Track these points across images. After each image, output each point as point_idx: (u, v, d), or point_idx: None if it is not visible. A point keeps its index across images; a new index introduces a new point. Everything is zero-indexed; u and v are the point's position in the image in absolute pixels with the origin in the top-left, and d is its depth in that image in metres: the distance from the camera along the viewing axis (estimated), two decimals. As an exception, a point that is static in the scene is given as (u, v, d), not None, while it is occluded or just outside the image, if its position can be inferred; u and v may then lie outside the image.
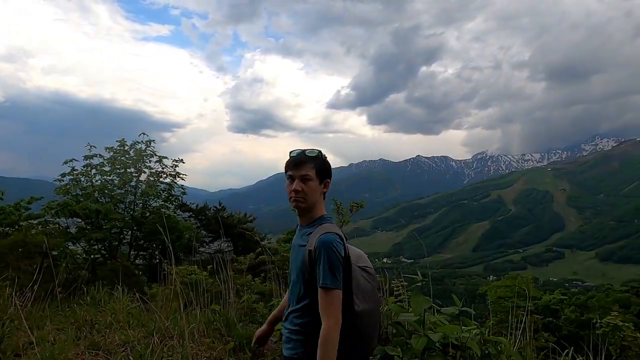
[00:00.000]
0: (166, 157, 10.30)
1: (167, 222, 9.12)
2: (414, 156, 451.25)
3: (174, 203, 10.80)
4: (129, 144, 9.80)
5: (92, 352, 3.00)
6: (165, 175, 10.22)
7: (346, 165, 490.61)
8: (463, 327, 2.11)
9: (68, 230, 8.47)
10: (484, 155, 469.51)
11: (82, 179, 9.29)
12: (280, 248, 6.50)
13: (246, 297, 3.64)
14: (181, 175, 10.46)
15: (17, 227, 7.82)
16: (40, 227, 8.07)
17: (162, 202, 10.37)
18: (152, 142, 10.03)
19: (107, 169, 9.15)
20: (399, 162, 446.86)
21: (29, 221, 8.20)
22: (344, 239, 1.47)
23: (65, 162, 9.27)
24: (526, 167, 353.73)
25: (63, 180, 9.21)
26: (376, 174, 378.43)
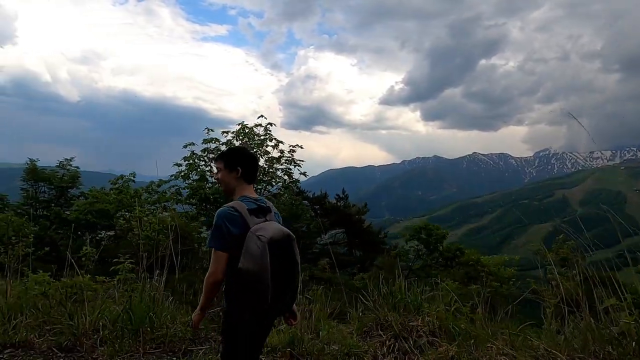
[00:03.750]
0: (282, 142, 10.56)
1: (293, 211, 10.44)
2: (470, 153, 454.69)
3: (294, 189, 11.27)
4: (249, 126, 10.06)
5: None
6: (282, 161, 10.61)
7: (399, 162, 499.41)
8: None
9: (193, 215, 9.12)
10: (547, 152, 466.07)
11: (201, 163, 9.82)
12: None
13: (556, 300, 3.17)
14: (297, 161, 10.66)
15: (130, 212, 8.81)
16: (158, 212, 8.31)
17: (282, 189, 10.95)
18: (271, 125, 10.24)
19: None
20: (454, 159, 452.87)
21: (147, 206, 9.28)
22: (244, 211, 1.96)
23: (185, 146, 9.80)
24: (595, 166, 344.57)
25: (181, 165, 9.75)
26: (430, 171, 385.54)
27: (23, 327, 3.70)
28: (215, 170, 2.31)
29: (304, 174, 11.95)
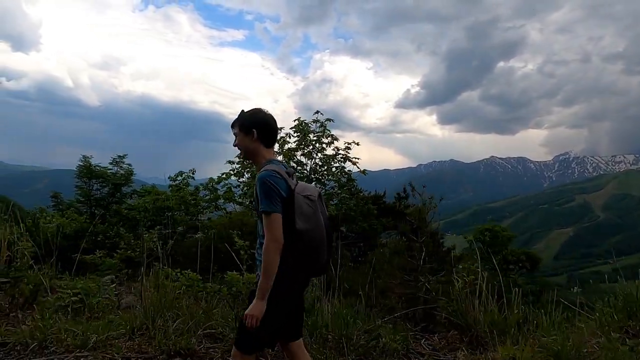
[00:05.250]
0: (337, 139, 10.44)
1: (360, 209, 10.81)
2: (488, 157, 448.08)
3: (351, 189, 11.05)
4: (307, 121, 9.99)
5: None
6: (338, 158, 10.57)
7: (415, 165, 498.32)
8: None
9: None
10: (567, 156, 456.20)
11: None
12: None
13: None
14: (352, 159, 10.53)
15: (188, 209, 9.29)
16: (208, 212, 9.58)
17: (336, 188, 10.81)
18: (328, 122, 10.06)
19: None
20: (471, 163, 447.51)
21: (201, 205, 9.73)
22: (284, 174, 1.90)
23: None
24: (617, 170, 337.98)
25: (232, 163, 10.02)
26: (446, 175, 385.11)
27: (182, 333, 3.19)
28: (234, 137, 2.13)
29: (364, 172, 11.67)
